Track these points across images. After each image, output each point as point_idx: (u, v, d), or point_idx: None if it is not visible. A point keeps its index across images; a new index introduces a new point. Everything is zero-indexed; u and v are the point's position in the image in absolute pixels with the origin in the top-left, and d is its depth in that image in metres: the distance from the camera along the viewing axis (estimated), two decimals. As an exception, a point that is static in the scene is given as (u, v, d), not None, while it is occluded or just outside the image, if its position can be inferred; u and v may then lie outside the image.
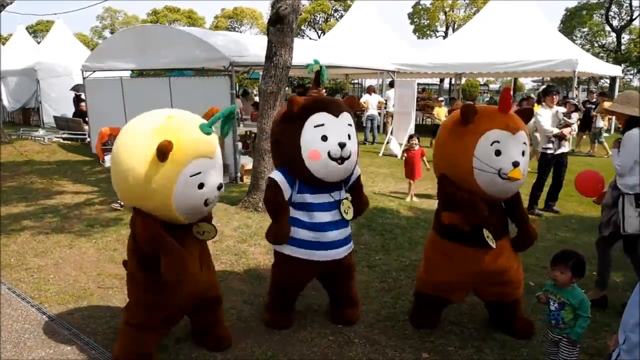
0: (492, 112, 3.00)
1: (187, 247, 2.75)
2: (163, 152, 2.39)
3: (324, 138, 2.99)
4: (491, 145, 2.86)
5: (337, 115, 3.06)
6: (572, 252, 2.78)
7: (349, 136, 3.08)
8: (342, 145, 2.99)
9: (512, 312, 3.31)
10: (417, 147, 7.01)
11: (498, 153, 2.86)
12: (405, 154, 7.20)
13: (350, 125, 3.13)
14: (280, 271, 3.36)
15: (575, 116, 6.54)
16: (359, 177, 3.39)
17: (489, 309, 3.45)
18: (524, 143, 2.94)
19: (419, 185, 7.55)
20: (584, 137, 12.53)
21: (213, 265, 3.16)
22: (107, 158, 6.64)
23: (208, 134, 2.61)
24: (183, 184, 2.50)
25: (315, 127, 3.00)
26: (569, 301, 2.68)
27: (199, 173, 2.55)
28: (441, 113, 12.50)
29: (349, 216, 3.23)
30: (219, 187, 2.69)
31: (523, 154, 2.93)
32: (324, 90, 3.49)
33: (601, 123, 11.68)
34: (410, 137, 7.23)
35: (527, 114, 3.12)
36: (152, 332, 2.86)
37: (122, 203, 6.19)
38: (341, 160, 3.02)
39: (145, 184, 2.48)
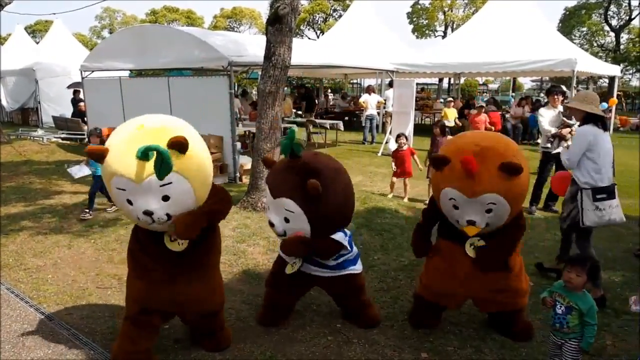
0: (459, 166, 2.77)
1: (159, 254, 2.77)
2: (90, 154, 2.60)
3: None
4: (449, 200, 2.91)
5: (274, 197, 3.01)
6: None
7: (287, 219, 2.99)
8: (270, 224, 3.08)
9: (513, 319, 3.29)
10: (405, 147, 6.97)
11: (456, 207, 2.91)
12: (394, 157, 7.09)
13: (289, 210, 2.95)
14: (273, 268, 3.47)
15: None
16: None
17: (489, 315, 3.43)
18: (490, 203, 2.78)
19: (417, 185, 7.55)
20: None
21: (205, 282, 2.95)
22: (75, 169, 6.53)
23: (137, 157, 2.41)
24: (114, 192, 2.58)
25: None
26: (577, 306, 2.61)
27: (124, 190, 2.51)
28: (450, 114, 12.31)
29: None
30: (147, 214, 2.51)
31: (489, 211, 2.81)
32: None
33: None
34: (398, 136, 7.18)
35: (511, 170, 2.72)
36: (140, 327, 2.85)
37: (90, 213, 6.06)
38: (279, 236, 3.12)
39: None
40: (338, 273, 3.27)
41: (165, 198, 2.52)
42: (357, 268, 3.37)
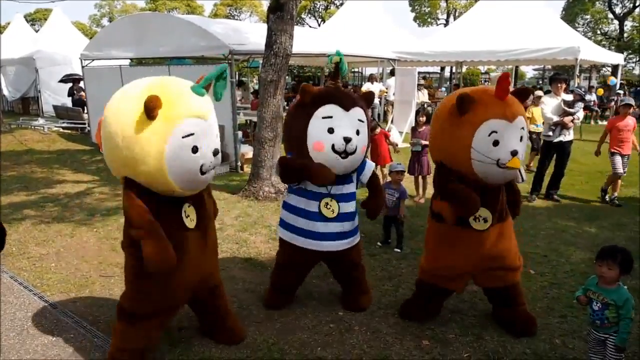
0: (488, 99, 2.86)
1: (182, 232, 2.58)
2: (150, 107, 2.22)
3: (331, 130, 2.99)
4: (489, 135, 2.82)
5: (347, 109, 3.03)
6: (618, 247, 2.61)
7: (358, 132, 3.05)
8: (347, 140, 2.97)
9: (513, 301, 3.27)
10: (378, 130, 6.83)
11: (496, 143, 2.83)
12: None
13: (361, 120, 3.09)
14: (282, 256, 3.48)
15: (580, 105, 6.50)
16: (373, 172, 3.36)
17: (491, 300, 3.40)
18: (522, 128, 2.90)
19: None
20: None
21: (217, 252, 3.11)
22: None
23: (200, 94, 2.43)
24: (175, 145, 2.30)
25: (323, 118, 3.00)
26: (613, 302, 2.52)
27: (192, 134, 2.35)
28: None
29: (327, 214, 3.17)
30: (215, 153, 2.50)
31: (521, 139, 2.91)
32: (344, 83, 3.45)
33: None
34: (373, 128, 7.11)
35: (522, 93, 3.05)
36: (147, 324, 2.67)
37: None
38: (345, 154, 3.01)
39: (135, 146, 2.28)
40: (341, 247, 3.29)
41: (215, 132, 2.60)
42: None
